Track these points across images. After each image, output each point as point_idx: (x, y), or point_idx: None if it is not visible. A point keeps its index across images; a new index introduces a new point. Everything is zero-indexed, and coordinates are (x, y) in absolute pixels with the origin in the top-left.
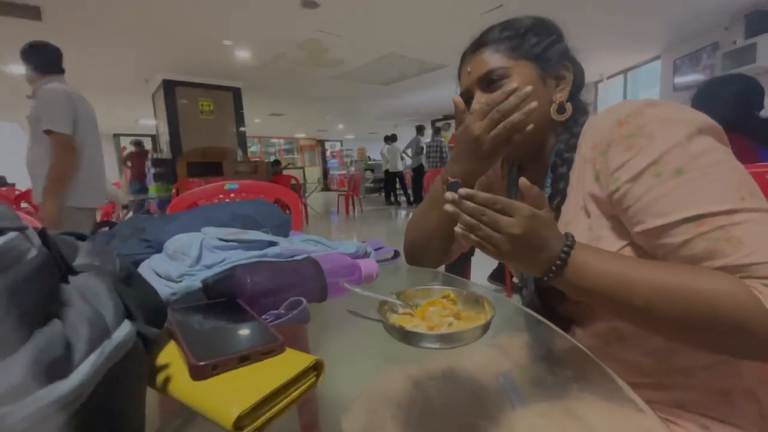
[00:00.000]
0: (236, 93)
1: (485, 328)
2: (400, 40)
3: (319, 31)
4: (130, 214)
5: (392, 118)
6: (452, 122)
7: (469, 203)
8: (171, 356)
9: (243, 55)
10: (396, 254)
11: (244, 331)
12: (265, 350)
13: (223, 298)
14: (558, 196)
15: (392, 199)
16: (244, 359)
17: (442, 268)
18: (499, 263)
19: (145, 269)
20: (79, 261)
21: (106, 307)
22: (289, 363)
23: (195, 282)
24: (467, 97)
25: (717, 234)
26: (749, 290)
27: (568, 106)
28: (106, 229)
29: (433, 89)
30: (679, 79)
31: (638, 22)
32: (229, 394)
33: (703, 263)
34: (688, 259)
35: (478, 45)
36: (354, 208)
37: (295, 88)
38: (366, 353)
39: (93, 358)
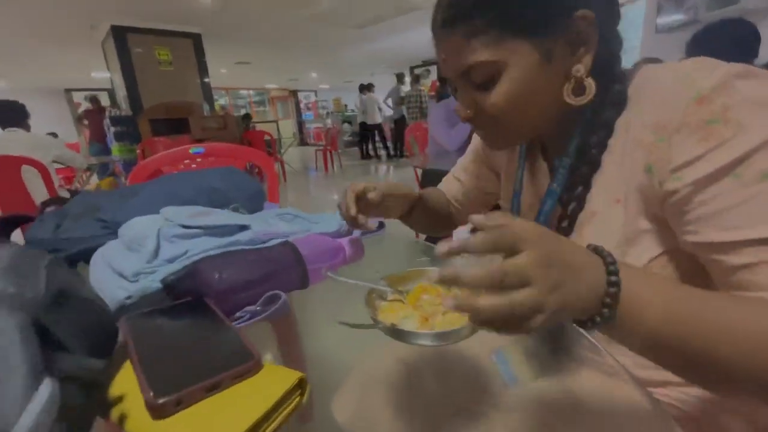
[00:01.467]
0: (197, 40)
1: None
2: None
3: None
4: (95, 177)
5: (369, 66)
6: (432, 68)
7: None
8: (128, 384)
9: None
10: (381, 225)
11: (213, 348)
12: (238, 373)
13: (188, 297)
14: (580, 186)
15: (369, 153)
16: (213, 388)
17: (423, 237)
18: None
19: (98, 261)
20: None
21: (14, 374)
22: (267, 385)
23: (153, 282)
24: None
25: None
26: None
27: (589, 83)
28: (56, 207)
29: (410, 33)
30: (662, 20)
31: None
32: None
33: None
34: (742, 284)
35: (449, 20)
36: (333, 164)
37: (262, 32)
38: (353, 332)
39: None
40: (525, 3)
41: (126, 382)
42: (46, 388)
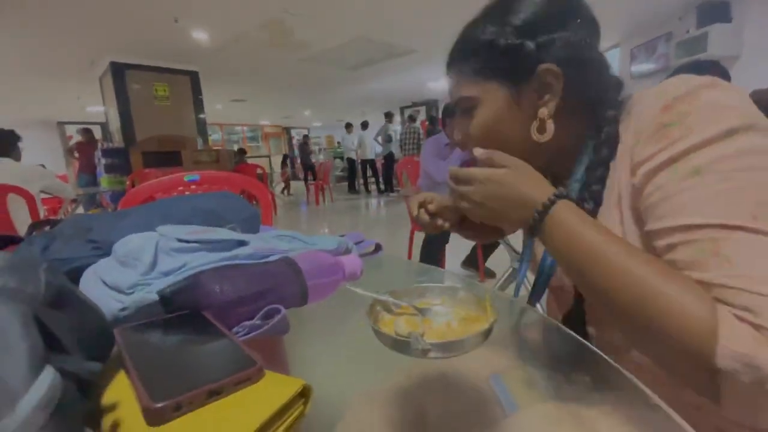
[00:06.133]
0: (194, 77)
1: (487, 333)
2: (368, 23)
3: (282, 11)
4: (80, 209)
5: (361, 105)
6: (421, 109)
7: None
8: (121, 393)
9: (200, 36)
10: (378, 247)
11: (213, 355)
12: (240, 379)
13: (185, 311)
14: (591, 202)
15: (358, 187)
16: (214, 393)
17: (416, 258)
18: (471, 250)
19: (89, 277)
20: None
21: (14, 353)
22: (269, 392)
23: (150, 294)
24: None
25: (705, 245)
26: (713, 313)
27: (549, 124)
28: (48, 228)
29: (402, 75)
30: (636, 68)
31: (599, 10)
32: None
33: (682, 272)
34: (668, 264)
35: (449, 62)
36: (324, 198)
37: (258, 72)
38: (349, 363)
39: None
40: (497, 55)
41: (119, 392)
42: (48, 375)
